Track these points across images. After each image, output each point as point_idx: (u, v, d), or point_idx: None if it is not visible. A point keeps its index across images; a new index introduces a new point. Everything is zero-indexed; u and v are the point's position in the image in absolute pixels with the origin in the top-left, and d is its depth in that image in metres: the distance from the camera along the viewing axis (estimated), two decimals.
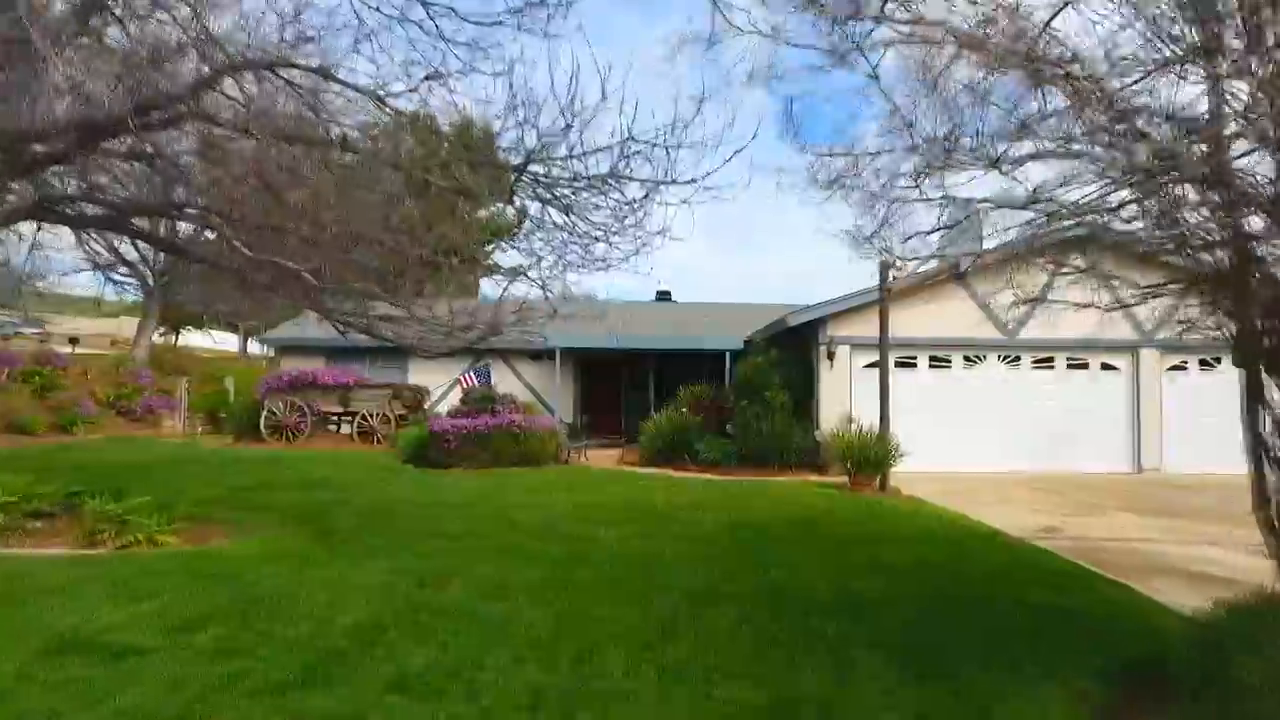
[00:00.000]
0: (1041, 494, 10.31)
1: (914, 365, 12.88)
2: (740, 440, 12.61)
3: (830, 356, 12.64)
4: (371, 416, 16.56)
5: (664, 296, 26.60)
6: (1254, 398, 3.67)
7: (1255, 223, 3.31)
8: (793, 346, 13.57)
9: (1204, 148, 3.22)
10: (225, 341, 41.06)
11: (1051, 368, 13.06)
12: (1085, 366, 13.09)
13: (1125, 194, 3.76)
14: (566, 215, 4.96)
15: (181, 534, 6.09)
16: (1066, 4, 3.11)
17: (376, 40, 5.74)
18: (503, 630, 3.98)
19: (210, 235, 6.09)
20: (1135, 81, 3.18)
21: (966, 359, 13.02)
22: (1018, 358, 13.05)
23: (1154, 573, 6.06)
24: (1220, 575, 6.10)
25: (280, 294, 5.57)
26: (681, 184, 4.97)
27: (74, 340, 34.05)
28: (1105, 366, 13.10)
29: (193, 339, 39.55)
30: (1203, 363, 13.16)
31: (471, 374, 17.91)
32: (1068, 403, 12.94)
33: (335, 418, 17.42)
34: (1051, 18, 3.29)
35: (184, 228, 7.41)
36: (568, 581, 5.04)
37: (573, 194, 4.72)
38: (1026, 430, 12.79)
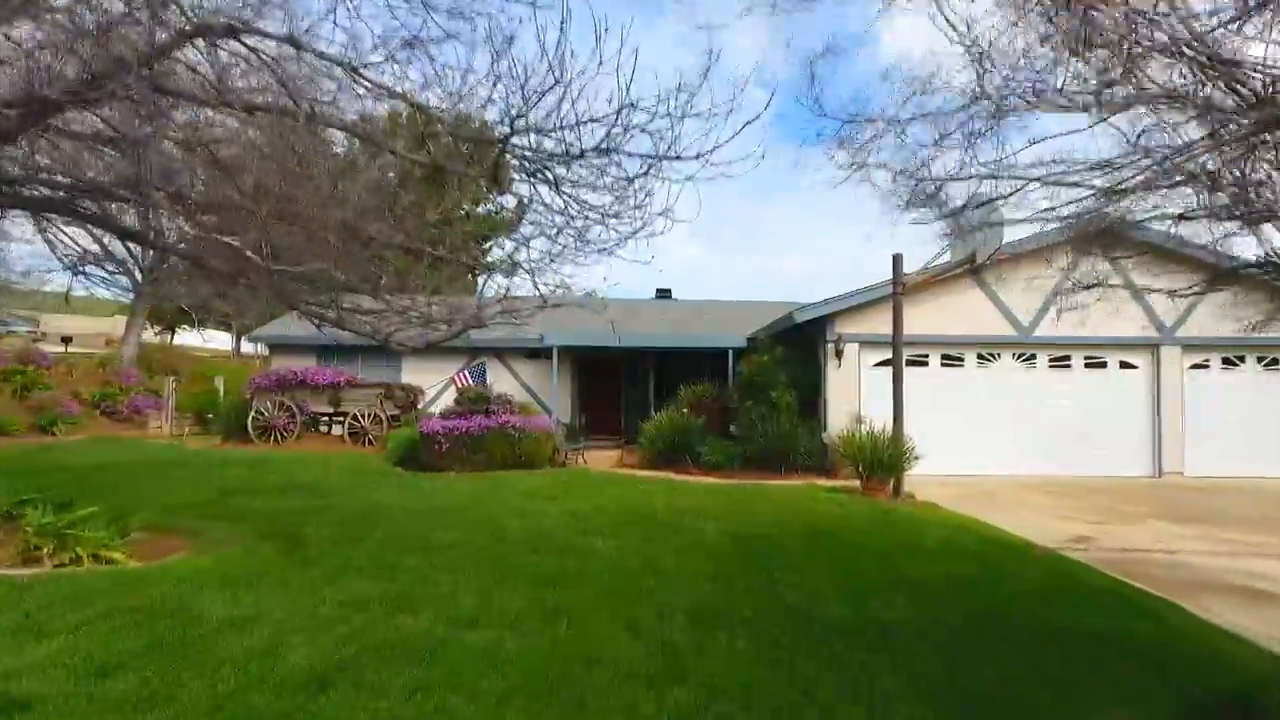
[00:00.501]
0: (1063, 499, 9.79)
1: (925, 364, 12.36)
2: (744, 442, 12.10)
3: (838, 355, 12.12)
4: (362, 417, 16.05)
5: (664, 294, 26.06)
6: None
7: None
8: (799, 344, 13.05)
9: None
10: (220, 341, 40.56)
11: (1068, 366, 12.54)
12: (1103, 365, 12.57)
13: (1191, 168, 3.27)
14: (557, 192, 4.44)
15: (137, 547, 5.56)
16: None
17: (351, 6, 5.23)
18: (481, 669, 3.45)
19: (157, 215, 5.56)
20: (1227, 22, 2.66)
21: (980, 357, 12.50)
22: (1033, 356, 12.53)
23: (1201, 589, 5.54)
24: (1272, 591, 5.59)
25: (244, 282, 5.05)
26: (686, 159, 4.45)
27: (67, 339, 33.52)
28: (1124, 365, 12.57)
29: (189, 338, 39.11)
30: (1225, 361, 12.64)
31: (466, 373, 17.39)
32: (1085, 403, 12.43)
33: (326, 418, 16.92)
34: None
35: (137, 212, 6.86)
36: (559, 604, 4.51)
37: (565, 169, 4.20)
38: (1042, 432, 12.27)
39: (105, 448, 13.95)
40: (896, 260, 9.68)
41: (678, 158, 4.46)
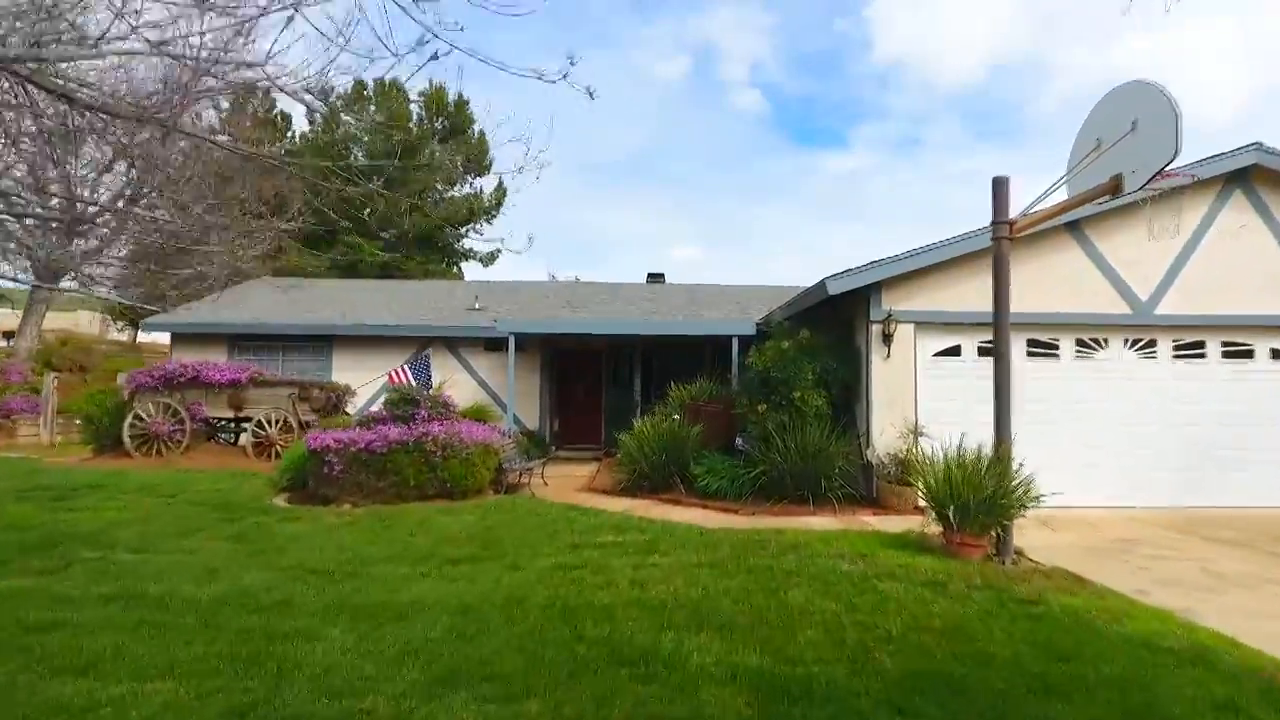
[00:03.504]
0: (1247, 556, 6.38)
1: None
2: (757, 461, 8.66)
3: (887, 340, 8.70)
4: (269, 423, 12.61)
5: (656, 279, 22.65)
6: None
7: None
8: (829, 328, 9.65)
9: None
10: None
11: (1201, 355, 9.12)
12: (1249, 354, 9.15)
13: None
14: None
15: None
16: None
17: None
18: None
19: None
20: None
21: (1080, 344, 9.09)
22: (1153, 342, 9.11)
23: None
24: None
25: None
26: None
27: (9, 334, 30.33)
28: (1277, 354, 9.17)
29: (163, 336, 35.66)
30: None
31: (405, 369, 13.93)
32: (1222, 405, 9.01)
33: (230, 425, 13.52)
34: None
35: None
36: None
37: None
38: (1167, 447, 8.89)
39: None
40: (998, 186, 6.20)
41: None
